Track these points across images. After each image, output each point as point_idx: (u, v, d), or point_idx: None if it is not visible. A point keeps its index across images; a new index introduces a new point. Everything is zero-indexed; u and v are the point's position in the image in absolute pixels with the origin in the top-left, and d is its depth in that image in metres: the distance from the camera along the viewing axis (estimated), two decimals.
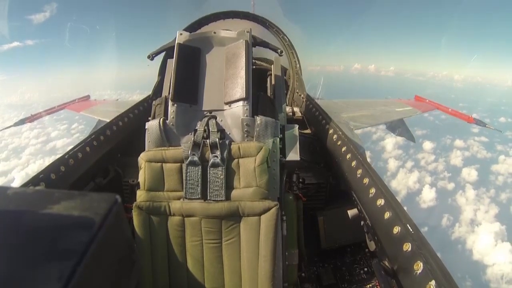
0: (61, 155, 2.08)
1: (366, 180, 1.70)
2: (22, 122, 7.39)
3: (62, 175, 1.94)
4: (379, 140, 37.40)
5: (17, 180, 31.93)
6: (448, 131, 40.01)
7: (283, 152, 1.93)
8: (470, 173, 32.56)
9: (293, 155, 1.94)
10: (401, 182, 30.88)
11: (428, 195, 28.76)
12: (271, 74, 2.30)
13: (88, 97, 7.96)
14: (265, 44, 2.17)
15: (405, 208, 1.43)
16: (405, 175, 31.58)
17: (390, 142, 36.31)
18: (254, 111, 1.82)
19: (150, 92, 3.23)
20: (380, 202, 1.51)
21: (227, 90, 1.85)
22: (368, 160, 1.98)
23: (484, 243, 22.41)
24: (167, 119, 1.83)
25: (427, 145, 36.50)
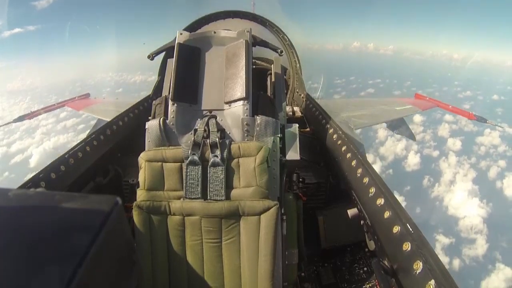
0: (61, 154, 2.08)
1: (366, 180, 1.71)
2: (21, 119, 7.40)
3: (62, 175, 1.95)
4: None
5: (35, 155, 32.57)
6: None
7: (283, 152, 1.93)
8: (455, 143, 34.80)
9: (293, 155, 1.94)
10: (389, 149, 33.05)
11: (413, 160, 31.36)
12: (271, 74, 2.30)
13: (88, 95, 7.97)
14: (265, 44, 2.17)
15: (403, 203, 1.45)
16: (393, 143, 33.56)
17: None
18: (254, 110, 1.82)
19: (150, 91, 3.23)
20: (380, 201, 1.51)
21: (227, 90, 1.85)
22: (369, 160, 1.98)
23: (458, 199, 25.59)
24: (167, 119, 1.83)
25: (417, 117, 37.98)
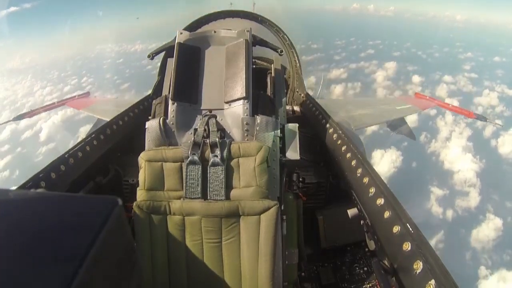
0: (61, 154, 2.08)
1: (366, 179, 1.71)
2: (21, 117, 7.40)
3: (62, 174, 1.95)
4: (371, 74, 39.65)
5: (45, 129, 32.80)
6: (439, 68, 41.51)
7: (283, 151, 1.93)
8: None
9: (293, 154, 1.94)
10: None
11: (411, 118, 32.34)
12: (271, 73, 2.30)
13: (88, 94, 7.96)
14: (265, 43, 2.17)
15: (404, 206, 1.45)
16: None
17: (381, 74, 38.83)
18: (254, 110, 1.82)
19: (150, 90, 3.22)
20: (380, 201, 1.51)
21: (227, 89, 1.85)
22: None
23: (453, 155, 26.75)
24: (167, 118, 1.83)
25: (416, 78, 38.31)
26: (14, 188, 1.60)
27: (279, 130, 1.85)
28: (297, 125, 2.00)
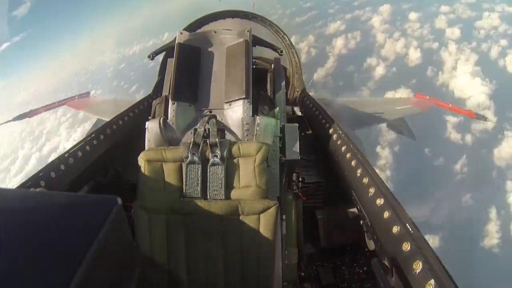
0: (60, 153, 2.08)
1: (365, 180, 1.71)
2: (21, 117, 7.37)
3: (62, 174, 1.95)
4: (367, 21, 39.30)
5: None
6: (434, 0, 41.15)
7: (282, 151, 1.93)
8: (453, 32, 34.74)
9: (293, 154, 1.94)
10: (389, 50, 33.68)
11: (414, 55, 32.16)
12: (271, 73, 2.30)
13: (88, 94, 7.94)
14: (265, 44, 2.17)
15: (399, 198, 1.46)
16: (392, 43, 34.17)
17: (377, 20, 38.56)
18: (254, 110, 1.82)
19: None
20: (380, 201, 1.51)
21: (227, 89, 1.85)
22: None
23: (462, 82, 27.13)
24: (167, 118, 1.83)
25: (413, 15, 37.78)
26: (14, 187, 1.59)
27: (279, 130, 1.85)
28: (297, 125, 2.00)
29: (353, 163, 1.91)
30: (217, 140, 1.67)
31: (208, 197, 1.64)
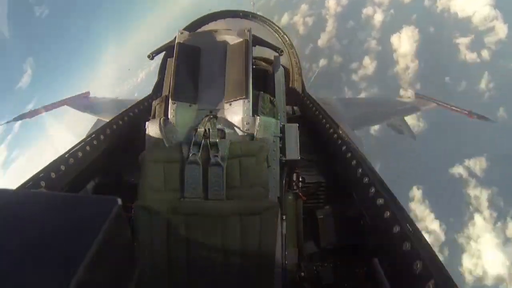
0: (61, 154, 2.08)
1: (366, 179, 1.71)
2: (21, 117, 7.36)
3: (62, 174, 1.95)
4: None
5: None
6: None
7: (283, 151, 1.93)
8: None
9: (293, 154, 1.94)
10: None
11: None
12: (271, 73, 2.30)
13: (88, 93, 7.93)
14: (265, 44, 2.17)
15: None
16: None
17: None
18: (254, 110, 1.82)
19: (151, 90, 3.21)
20: (380, 201, 1.51)
21: (227, 89, 1.85)
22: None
23: (461, 1, 26.38)
24: (168, 119, 1.83)
25: None
26: (14, 188, 1.59)
27: (279, 130, 1.85)
28: (297, 125, 2.00)
29: (353, 163, 1.91)
30: (217, 140, 1.67)
31: (209, 197, 1.64)
